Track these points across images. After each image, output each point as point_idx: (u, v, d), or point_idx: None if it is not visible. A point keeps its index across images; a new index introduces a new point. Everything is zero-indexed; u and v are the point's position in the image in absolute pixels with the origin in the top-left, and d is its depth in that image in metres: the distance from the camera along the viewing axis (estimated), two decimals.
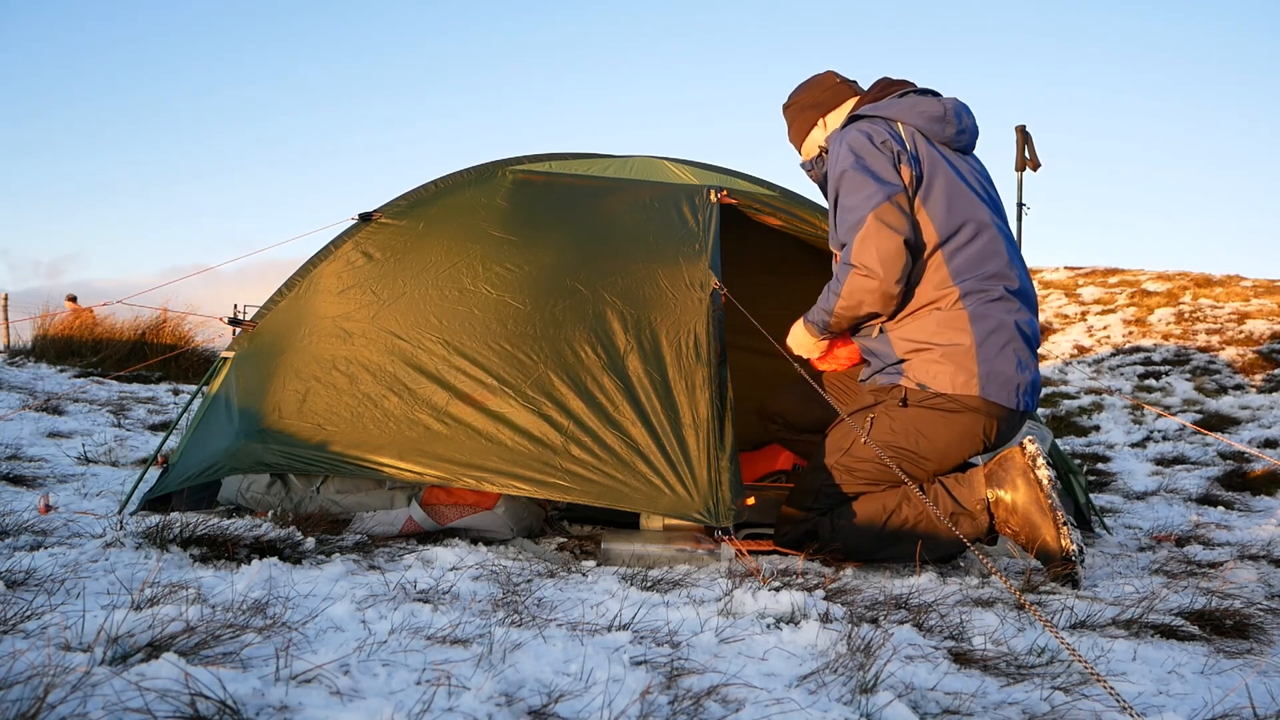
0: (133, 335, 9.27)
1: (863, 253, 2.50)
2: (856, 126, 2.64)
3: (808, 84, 2.92)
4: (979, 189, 2.65)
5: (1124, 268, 16.20)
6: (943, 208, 2.55)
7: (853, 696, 1.41)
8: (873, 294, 2.53)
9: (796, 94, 2.93)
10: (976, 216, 2.58)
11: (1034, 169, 5.31)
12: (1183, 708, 1.48)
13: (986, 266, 2.56)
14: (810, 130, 2.91)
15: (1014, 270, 2.60)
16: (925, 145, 2.61)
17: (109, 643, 1.33)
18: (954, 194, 2.58)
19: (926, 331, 2.54)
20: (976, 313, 2.51)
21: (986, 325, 2.50)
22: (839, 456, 2.63)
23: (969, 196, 2.61)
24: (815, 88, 2.89)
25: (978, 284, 2.53)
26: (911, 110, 2.64)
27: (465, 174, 3.33)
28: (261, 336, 3.01)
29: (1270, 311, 11.40)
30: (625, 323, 2.69)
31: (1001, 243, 2.61)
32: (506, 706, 1.28)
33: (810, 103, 2.89)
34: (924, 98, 2.68)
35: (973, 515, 2.48)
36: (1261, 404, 7.43)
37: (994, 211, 2.66)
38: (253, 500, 2.77)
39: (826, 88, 2.88)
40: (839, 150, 2.61)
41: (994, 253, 2.58)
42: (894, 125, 2.63)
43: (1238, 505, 4.26)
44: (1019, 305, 2.57)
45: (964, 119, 2.68)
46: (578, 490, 2.44)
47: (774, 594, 1.94)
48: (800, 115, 2.92)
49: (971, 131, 2.72)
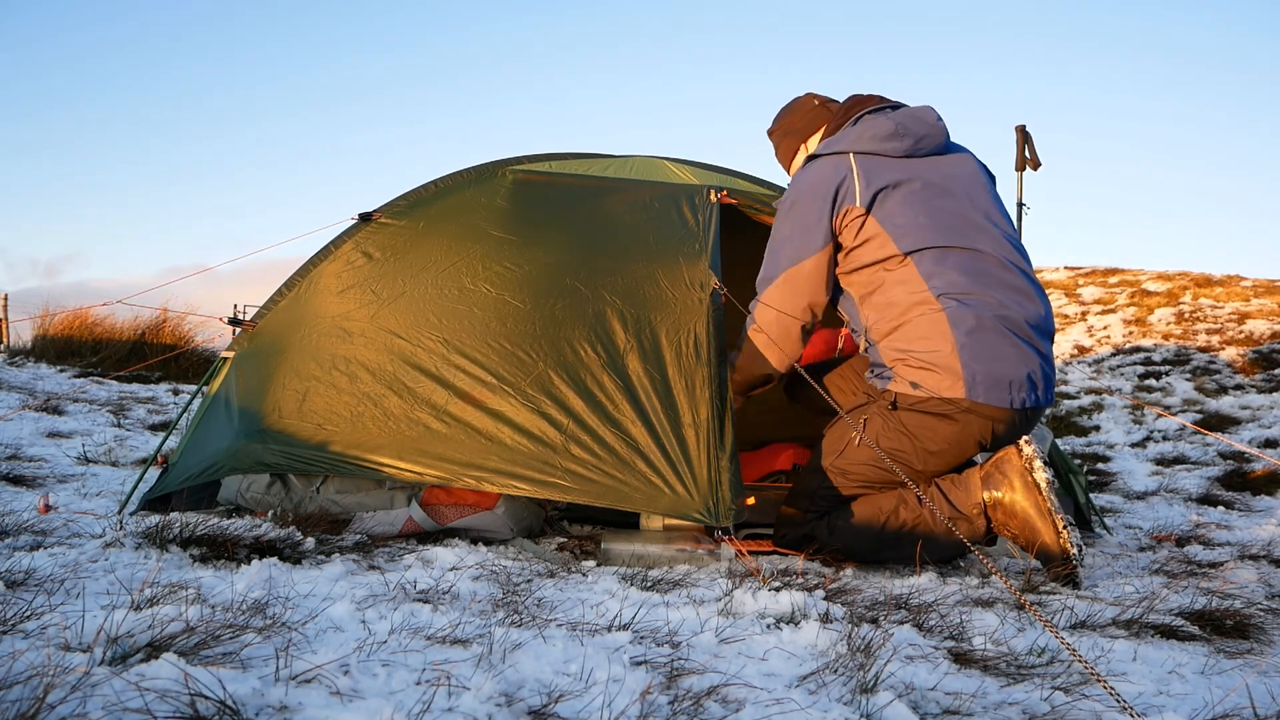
0: (133, 335, 9.27)
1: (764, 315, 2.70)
2: (806, 169, 2.72)
3: (788, 110, 3.00)
4: (953, 189, 2.64)
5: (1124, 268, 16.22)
6: (907, 220, 2.56)
7: (853, 696, 1.41)
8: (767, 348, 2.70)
9: (779, 120, 3.02)
10: (950, 220, 2.58)
11: (1034, 169, 5.30)
12: (1183, 708, 1.48)
13: (967, 265, 2.54)
14: (794, 155, 3.00)
15: (1003, 264, 2.57)
16: (881, 167, 2.62)
17: (109, 643, 1.33)
18: (919, 204, 2.58)
19: (908, 340, 2.54)
20: (955, 314, 2.48)
21: (966, 325, 2.47)
22: (834, 459, 2.63)
23: (942, 201, 2.61)
24: (794, 114, 2.97)
25: (958, 285, 2.51)
26: (861, 137, 2.67)
27: (465, 174, 3.33)
28: (261, 336, 3.01)
29: (1270, 311, 11.40)
30: (625, 322, 2.69)
31: (987, 237, 2.59)
32: (506, 706, 1.28)
33: (790, 129, 2.98)
34: (876, 118, 2.69)
35: (969, 519, 2.47)
36: (1261, 404, 7.43)
37: (978, 207, 2.65)
38: (253, 500, 2.77)
39: (805, 113, 2.95)
40: (791, 187, 2.74)
41: (975, 251, 2.56)
42: (846, 159, 2.64)
43: (1238, 505, 4.26)
44: (1009, 298, 2.52)
45: (918, 127, 2.68)
46: (578, 490, 2.44)
47: (774, 594, 1.94)
48: (784, 141, 3.01)
49: (934, 134, 2.71)
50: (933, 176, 2.65)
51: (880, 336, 2.61)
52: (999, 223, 2.66)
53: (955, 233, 2.58)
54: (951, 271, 2.53)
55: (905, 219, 2.56)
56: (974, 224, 2.61)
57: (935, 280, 2.52)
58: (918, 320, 2.53)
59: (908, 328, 2.54)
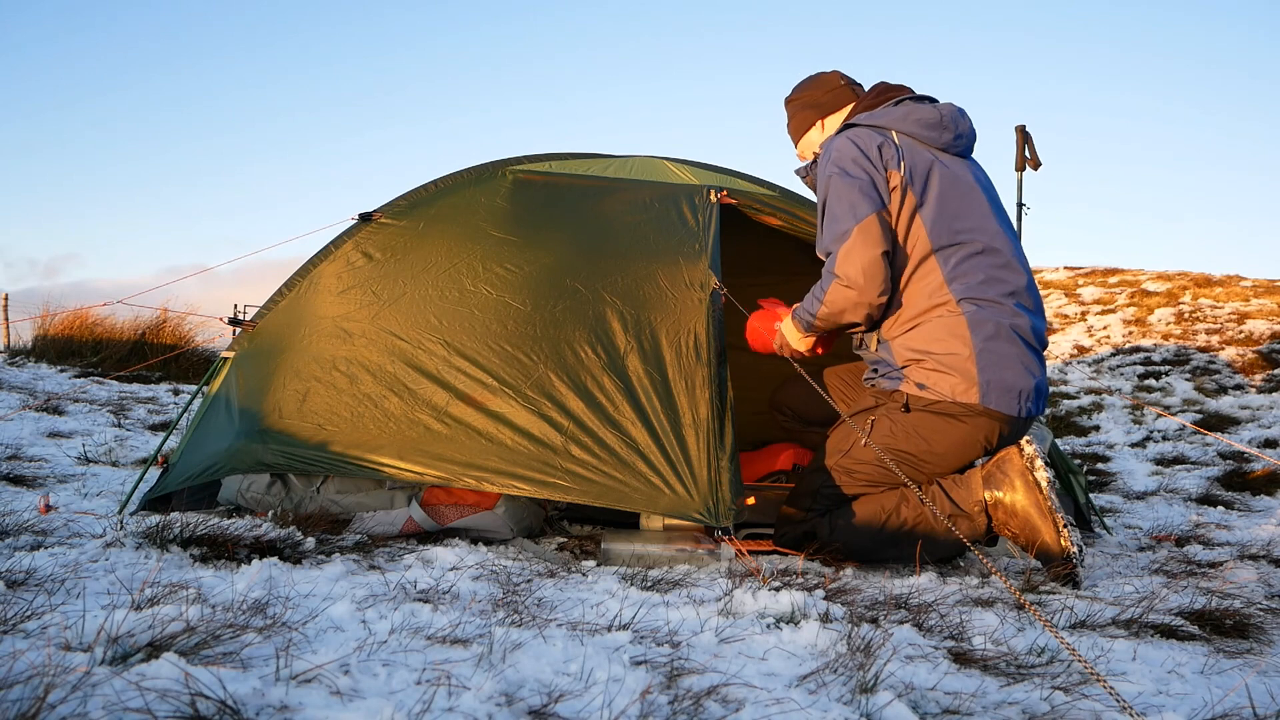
0: (133, 335, 9.27)
1: (846, 264, 2.53)
2: (847, 135, 2.63)
3: (812, 81, 2.91)
4: (980, 193, 2.65)
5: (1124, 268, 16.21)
6: (938, 213, 2.55)
7: (853, 696, 1.41)
8: (853, 304, 2.56)
9: (800, 90, 2.92)
10: (976, 221, 2.58)
11: (1034, 169, 5.31)
12: (1183, 708, 1.48)
13: (987, 271, 2.54)
14: (808, 130, 2.91)
15: (1017, 273, 2.59)
16: (921, 152, 2.60)
17: (109, 643, 1.33)
18: (951, 199, 2.57)
19: (925, 341, 2.53)
20: (975, 319, 2.49)
21: (985, 331, 2.48)
22: (838, 458, 2.63)
23: (968, 201, 2.60)
24: (818, 87, 2.88)
25: (976, 289, 2.52)
26: (906, 119, 2.64)
27: (465, 174, 3.33)
28: (261, 336, 3.01)
29: (1270, 311, 11.40)
30: (625, 323, 2.69)
31: (1004, 246, 2.60)
32: (506, 706, 1.28)
33: (811, 102, 2.88)
34: (919, 105, 2.67)
35: (970, 517, 2.48)
36: (1261, 404, 7.43)
37: (997, 214, 2.66)
38: (253, 500, 2.77)
39: (830, 89, 2.86)
40: (828, 158, 2.62)
41: (994, 257, 2.57)
42: (887, 133, 2.62)
43: (1238, 505, 4.26)
44: (1021, 309, 2.55)
45: (960, 124, 2.68)
46: (578, 490, 2.44)
47: (774, 594, 1.94)
48: (800, 113, 2.91)
49: (969, 136, 2.71)
50: (963, 174, 2.65)
51: (894, 334, 2.61)
52: (1012, 233, 2.68)
53: (983, 236, 2.57)
54: (972, 274, 2.53)
55: (935, 214, 2.55)
56: (999, 230, 2.62)
57: (956, 283, 2.52)
58: (936, 321, 2.52)
59: (925, 328, 2.54)
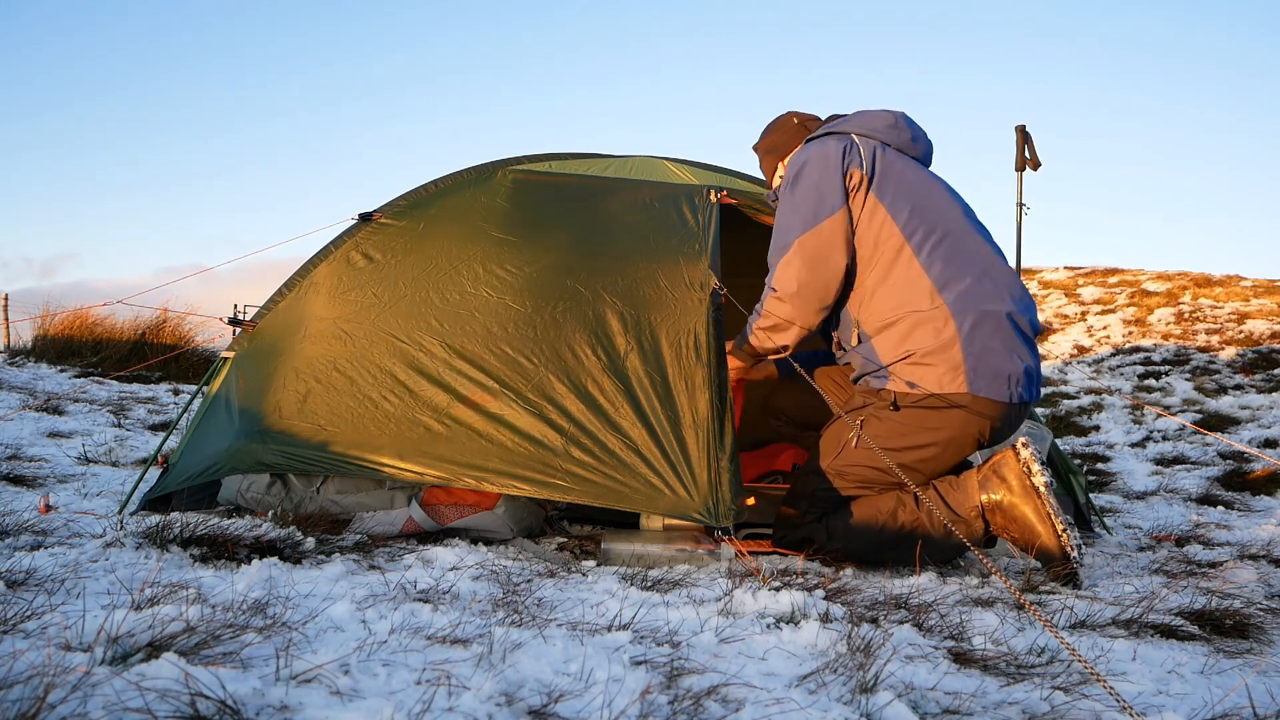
0: (133, 335, 9.27)
1: (783, 277, 2.64)
2: (810, 144, 2.73)
3: (770, 127, 3.05)
4: (944, 189, 2.72)
5: (1124, 268, 16.21)
6: (906, 207, 2.60)
7: (853, 696, 1.41)
8: (787, 317, 2.66)
9: (762, 137, 3.07)
10: (944, 213, 2.64)
11: (1034, 169, 5.31)
12: (1183, 707, 1.48)
13: (962, 260, 2.57)
14: (774, 172, 3.04)
15: (994, 263, 2.62)
16: (881, 151, 2.68)
17: (109, 643, 1.33)
18: (918, 193, 2.64)
19: (907, 334, 2.54)
20: (957, 306, 2.51)
21: (969, 318, 2.50)
22: (830, 460, 2.63)
23: (934, 195, 2.67)
24: (775, 132, 3.02)
25: (955, 278, 2.54)
26: (862, 124, 2.75)
27: (465, 174, 3.33)
28: (261, 337, 3.01)
29: (1270, 311, 11.41)
30: (625, 323, 2.69)
31: (976, 238, 2.65)
32: (506, 706, 1.28)
33: (770, 147, 3.02)
34: (873, 112, 2.79)
35: (967, 522, 2.47)
36: (1261, 404, 7.43)
37: (962, 208, 2.71)
38: (253, 500, 2.77)
39: (784, 131, 2.99)
40: (789, 170, 2.72)
41: (968, 246, 2.61)
42: (848, 136, 2.69)
43: (1238, 505, 4.26)
44: (1004, 295, 2.56)
45: (914, 127, 2.79)
46: (578, 490, 2.44)
47: (774, 594, 1.94)
48: (765, 158, 3.06)
49: (924, 140, 2.81)
50: (922, 173, 2.74)
51: (875, 331, 2.61)
52: (983, 228, 2.73)
53: (954, 227, 2.62)
54: (952, 263, 2.55)
55: (904, 207, 2.60)
56: (969, 223, 2.68)
57: (939, 271, 2.54)
58: (917, 314, 2.53)
59: (906, 322, 2.54)
